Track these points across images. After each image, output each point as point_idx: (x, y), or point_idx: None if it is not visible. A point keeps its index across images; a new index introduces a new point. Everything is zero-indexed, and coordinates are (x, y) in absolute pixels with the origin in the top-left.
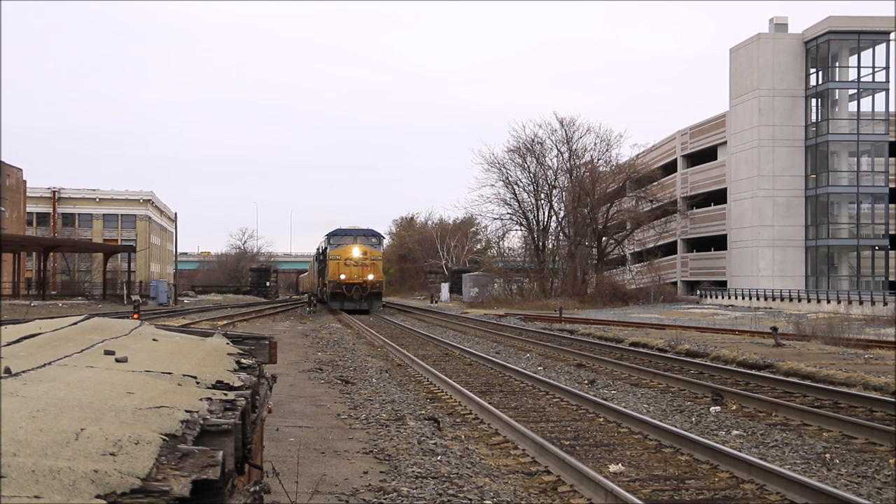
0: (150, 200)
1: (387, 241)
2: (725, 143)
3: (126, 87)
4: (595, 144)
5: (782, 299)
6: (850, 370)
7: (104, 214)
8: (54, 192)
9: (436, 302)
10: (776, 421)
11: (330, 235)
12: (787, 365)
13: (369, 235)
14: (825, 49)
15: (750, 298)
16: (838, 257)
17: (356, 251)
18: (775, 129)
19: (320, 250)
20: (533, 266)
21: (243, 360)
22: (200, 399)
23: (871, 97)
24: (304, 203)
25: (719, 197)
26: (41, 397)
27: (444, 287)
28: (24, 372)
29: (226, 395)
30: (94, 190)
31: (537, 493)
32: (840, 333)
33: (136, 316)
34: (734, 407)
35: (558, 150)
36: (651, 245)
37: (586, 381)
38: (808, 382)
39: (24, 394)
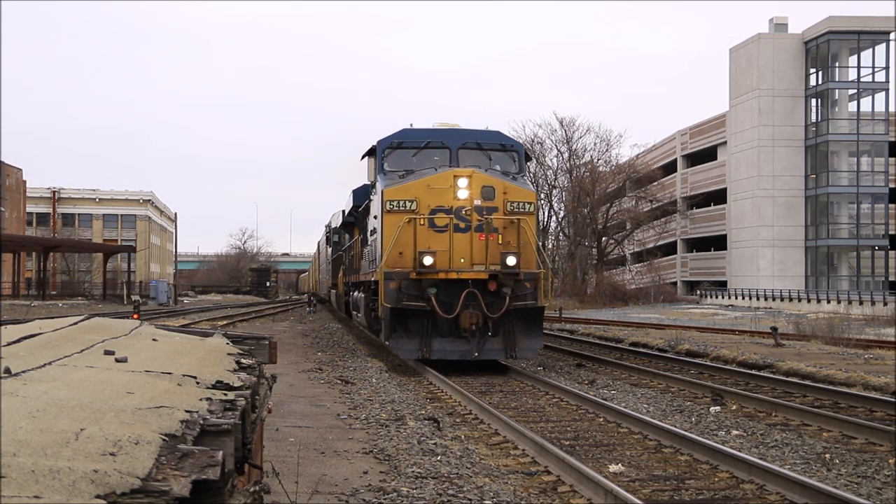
0: (150, 200)
1: None
2: (725, 143)
3: (126, 88)
4: (595, 144)
5: (782, 299)
6: (850, 370)
7: (104, 214)
8: (54, 192)
9: None
10: (776, 421)
11: (383, 149)
12: (787, 365)
13: (494, 148)
14: (825, 49)
15: (750, 298)
16: (838, 257)
17: (464, 189)
18: (775, 129)
19: (334, 221)
20: None
21: (243, 360)
22: (200, 399)
23: (871, 97)
24: (303, 203)
25: (719, 197)
26: (41, 397)
27: None
28: (24, 372)
29: (226, 395)
30: (94, 190)
31: (537, 493)
32: (840, 333)
33: (135, 316)
34: (734, 407)
35: (558, 150)
36: (651, 245)
37: (586, 381)
38: (808, 382)
39: (24, 394)
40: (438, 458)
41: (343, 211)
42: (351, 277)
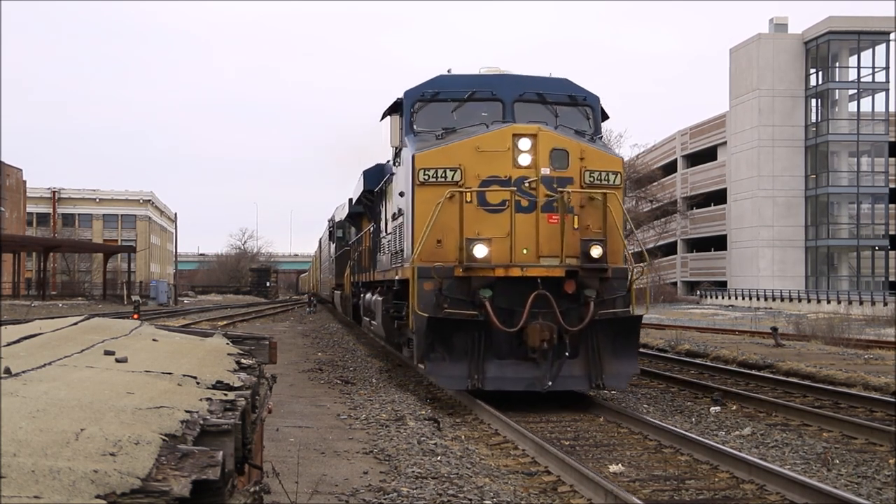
0: (150, 200)
1: None
2: (725, 143)
3: (126, 88)
4: None
5: (782, 299)
6: (850, 370)
7: (104, 214)
8: (54, 192)
9: None
10: (776, 421)
11: (413, 103)
12: (788, 365)
13: (561, 101)
14: (825, 49)
15: (750, 298)
16: (838, 257)
17: (527, 152)
18: (775, 129)
19: (338, 214)
20: None
21: (243, 361)
22: (200, 399)
23: (871, 97)
24: (303, 203)
25: (719, 197)
26: (41, 397)
27: None
28: (24, 372)
29: (226, 395)
30: (94, 190)
31: (537, 494)
32: (840, 334)
33: (136, 316)
34: (734, 407)
35: None
36: (651, 245)
37: None
38: (808, 383)
39: (24, 394)
40: (438, 458)
41: (350, 200)
42: (361, 276)
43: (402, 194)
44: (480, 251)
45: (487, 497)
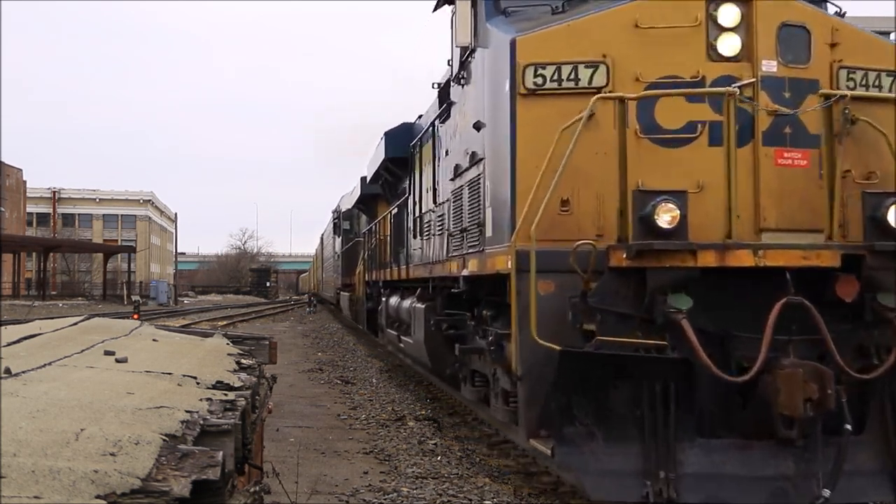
0: (150, 201)
1: None
2: None
3: (126, 88)
4: None
5: None
6: None
7: (104, 215)
8: (54, 192)
9: None
10: None
11: None
12: None
13: None
14: None
15: None
16: None
17: (735, 32)
18: None
19: (344, 204)
20: None
21: (243, 361)
22: (200, 399)
23: None
24: (303, 203)
25: None
26: (41, 397)
27: None
28: (24, 372)
29: (226, 395)
30: (94, 190)
31: (537, 494)
32: None
33: (136, 316)
34: None
35: None
36: None
37: None
38: None
39: (24, 394)
40: (439, 458)
41: (363, 178)
42: (382, 274)
43: (478, 127)
44: (666, 215)
45: (487, 497)
